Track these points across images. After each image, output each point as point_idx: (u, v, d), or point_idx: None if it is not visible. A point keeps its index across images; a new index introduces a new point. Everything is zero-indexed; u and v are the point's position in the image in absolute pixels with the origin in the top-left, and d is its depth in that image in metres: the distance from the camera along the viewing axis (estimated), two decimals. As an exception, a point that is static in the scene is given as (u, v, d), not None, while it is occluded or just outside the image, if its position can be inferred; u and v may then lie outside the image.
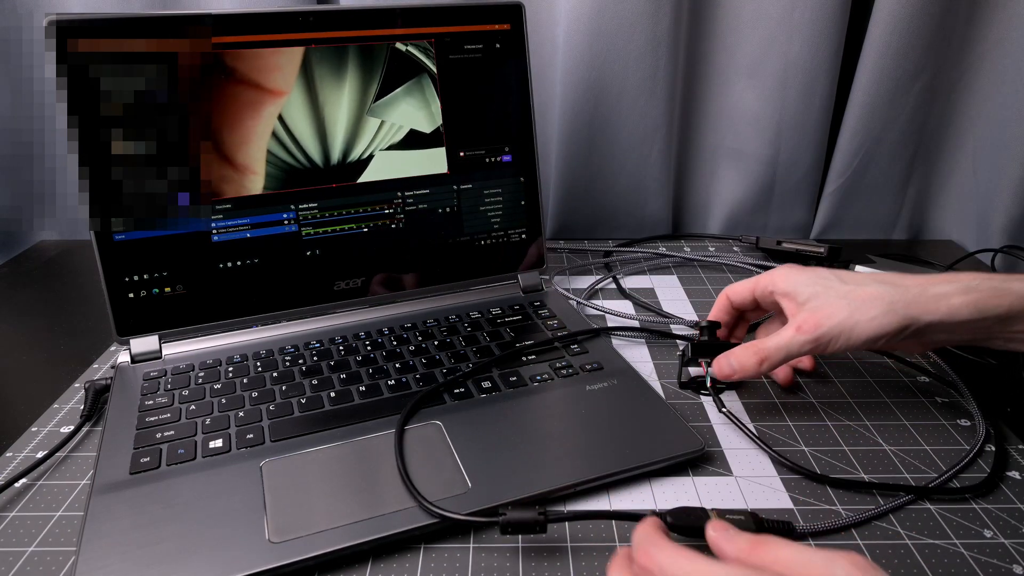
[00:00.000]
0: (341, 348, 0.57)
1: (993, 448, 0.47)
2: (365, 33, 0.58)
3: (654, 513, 0.39)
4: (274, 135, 0.57)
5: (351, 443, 0.46)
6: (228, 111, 0.55)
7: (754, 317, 0.57)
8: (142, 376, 0.53)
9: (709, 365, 0.52)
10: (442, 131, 0.62)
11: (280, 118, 0.57)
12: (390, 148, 0.60)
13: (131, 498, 0.41)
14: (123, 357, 0.56)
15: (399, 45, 0.59)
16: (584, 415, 0.49)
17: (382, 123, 0.60)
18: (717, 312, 0.55)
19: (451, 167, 0.63)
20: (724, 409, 0.50)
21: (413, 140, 0.61)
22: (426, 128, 0.61)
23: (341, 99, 0.58)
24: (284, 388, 0.52)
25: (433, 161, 0.62)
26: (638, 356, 0.58)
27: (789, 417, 0.51)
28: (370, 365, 0.54)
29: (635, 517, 0.40)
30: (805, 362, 0.55)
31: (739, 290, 0.53)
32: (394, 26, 0.59)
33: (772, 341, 0.46)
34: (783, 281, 0.48)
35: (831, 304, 0.45)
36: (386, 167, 0.61)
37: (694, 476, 0.45)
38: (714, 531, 0.32)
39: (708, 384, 0.52)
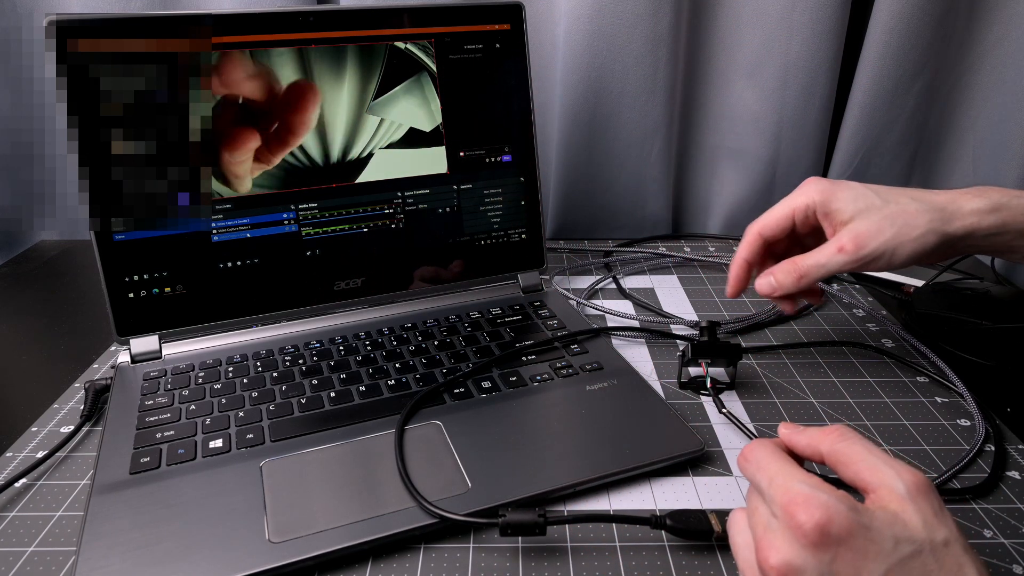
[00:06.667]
0: (341, 348, 0.57)
1: (993, 448, 0.47)
2: (365, 33, 0.58)
3: (654, 515, 0.39)
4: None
5: (351, 443, 0.46)
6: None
7: (781, 249, 0.52)
8: (142, 376, 0.53)
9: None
10: (442, 130, 0.62)
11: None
12: (390, 146, 0.60)
13: (131, 498, 0.41)
14: (123, 357, 0.56)
15: (399, 43, 0.59)
16: (584, 415, 0.49)
17: (381, 121, 0.60)
18: (747, 252, 0.51)
19: (451, 167, 0.63)
20: (724, 409, 0.50)
21: (413, 138, 0.61)
22: (426, 126, 0.61)
23: (341, 98, 0.58)
24: (284, 388, 0.52)
25: (433, 161, 0.62)
26: (638, 356, 0.58)
27: (789, 417, 0.51)
28: (370, 365, 0.54)
29: (634, 520, 0.40)
30: (815, 294, 0.53)
31: (774, 221, 0.49)
32: (394, 26, 0.59)
33: (811, 259, 0.47)
34: (821, 198, 0.48)
35: (875, 225, 0.45)
36: (386, 166, 0.61)
37: (694, 476, 0.45)
38: (785, 429, 0.34)
39: (708, 384, 0.52)
